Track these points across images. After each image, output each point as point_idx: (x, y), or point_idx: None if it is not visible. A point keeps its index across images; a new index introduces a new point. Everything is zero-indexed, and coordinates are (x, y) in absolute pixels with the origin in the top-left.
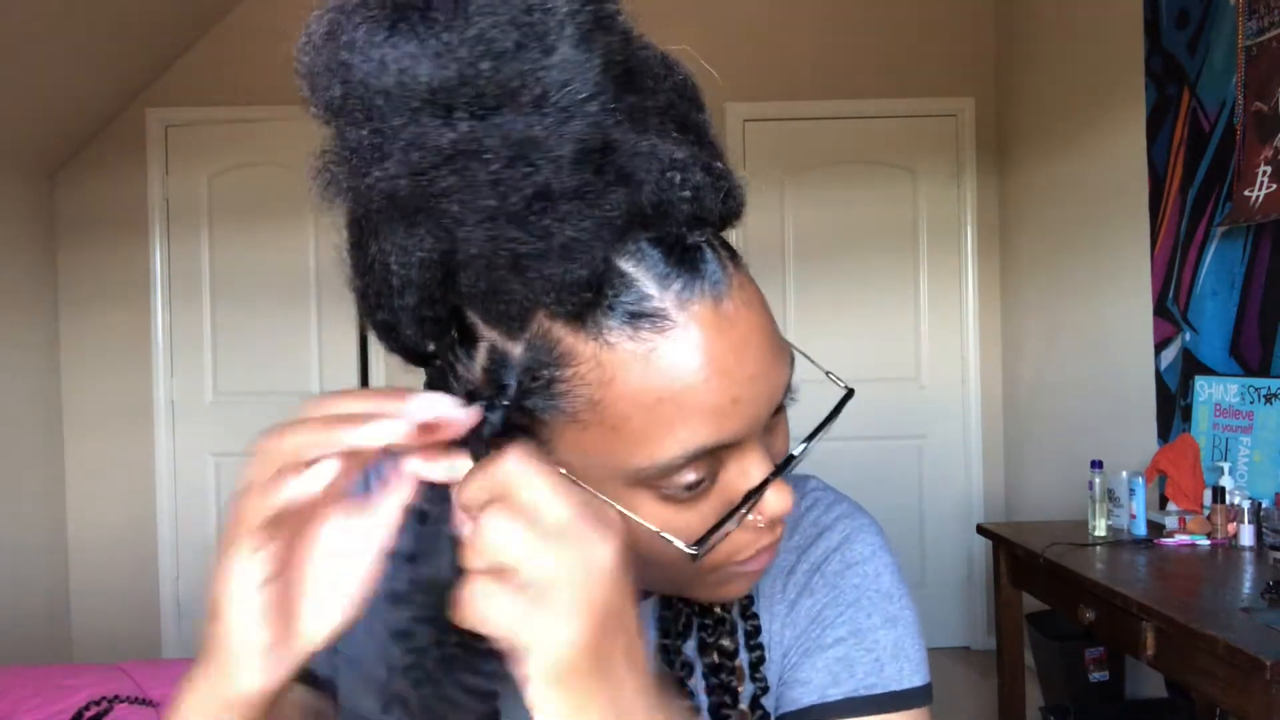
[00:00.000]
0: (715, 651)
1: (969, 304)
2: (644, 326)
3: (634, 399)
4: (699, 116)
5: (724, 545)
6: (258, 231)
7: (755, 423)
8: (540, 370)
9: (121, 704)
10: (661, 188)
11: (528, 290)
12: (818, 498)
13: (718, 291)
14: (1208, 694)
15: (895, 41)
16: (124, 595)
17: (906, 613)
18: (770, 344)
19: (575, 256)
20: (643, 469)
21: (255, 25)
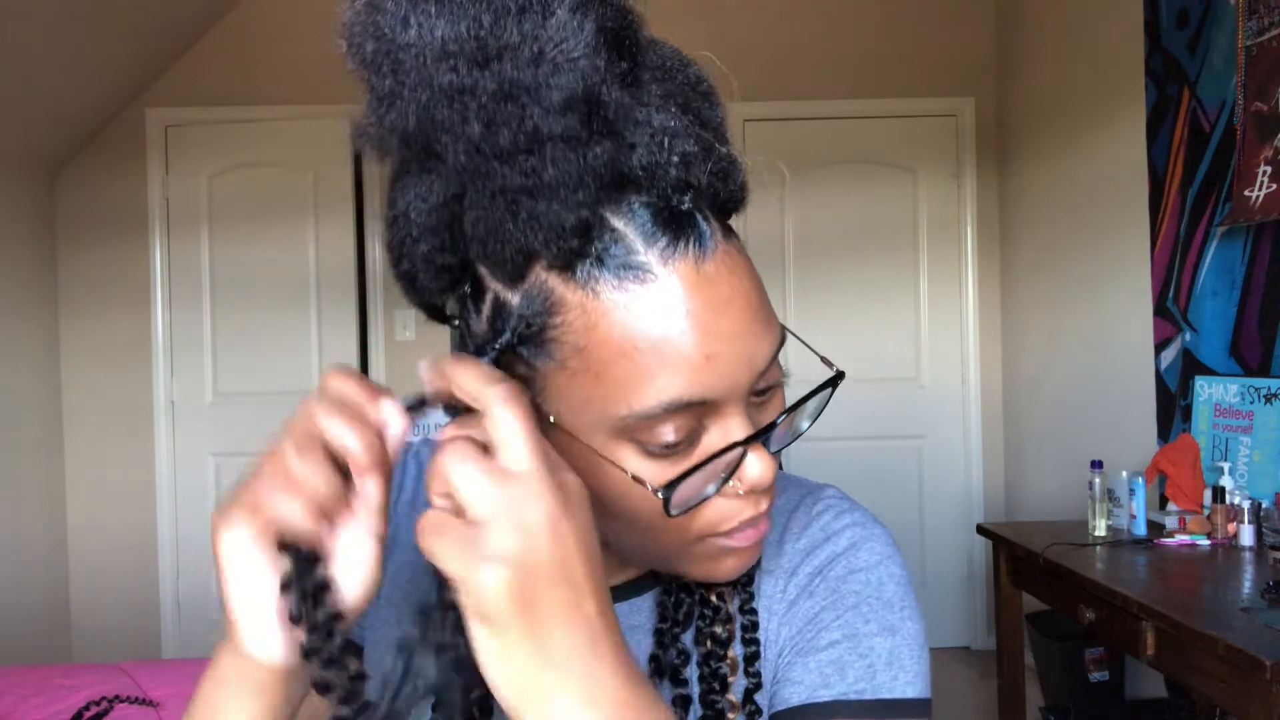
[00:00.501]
0: (709, 639)
1: (969, 304)
2: (627, 277)
3: (616, 346)
4: (709, 110)
5: (704, 512)
6: (258, 231)
7: (734, 385)
8: (534, 319)
9: (121, 704)
10: (651, 151)
11: (519, 232)
12: (830, 504)
13: (701, 253)
14: (1208, 694)
15: (895, 41)
16: (124, 595)
17: (909, 625)
18: (753, 310)
19: (563, 199)
20: (623, 417)
21: (255, 25)
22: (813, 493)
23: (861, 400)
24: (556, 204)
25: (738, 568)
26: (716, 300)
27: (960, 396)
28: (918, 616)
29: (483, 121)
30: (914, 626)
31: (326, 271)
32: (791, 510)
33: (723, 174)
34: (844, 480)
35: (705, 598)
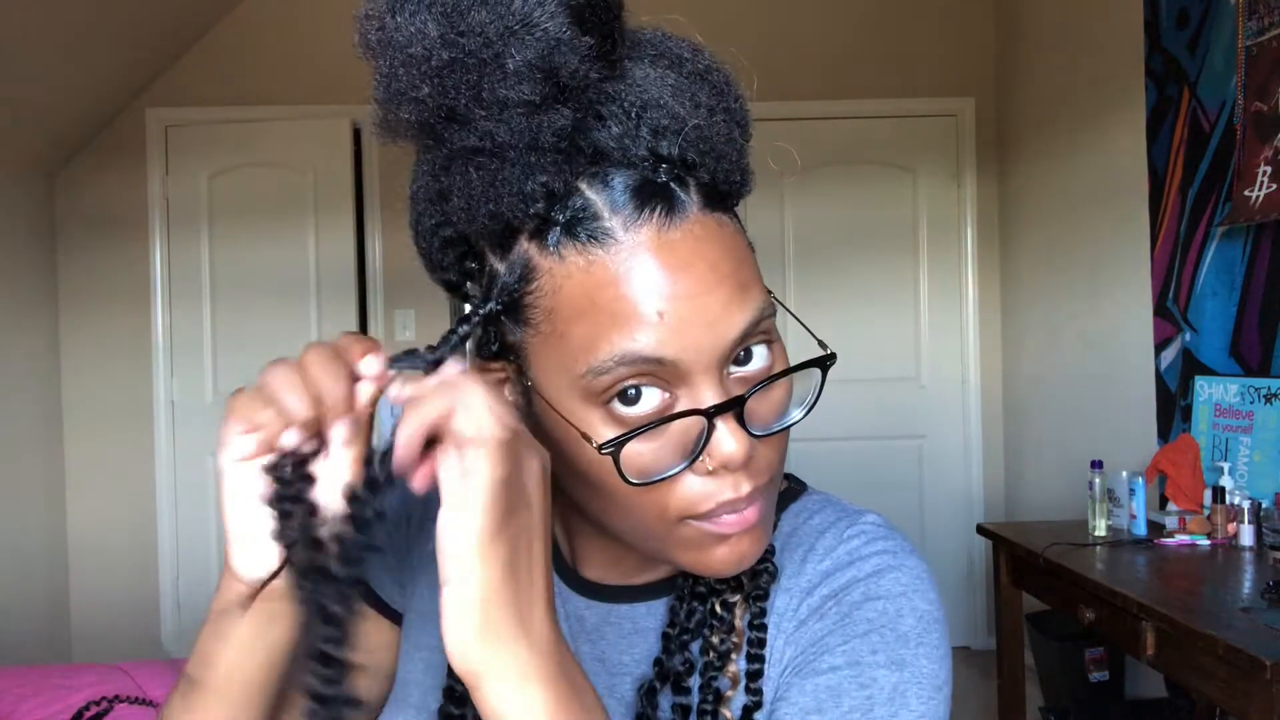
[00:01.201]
0: (711, 650)
1: (969, 304)
2: (590, 243)
3: (576, 305)
4: (715, 97)
5: (678, 490)
6: (258, 231)
7: (695, 349)
8: (514, 287)
9: (121, 704)
10: (621, 123)
11: (487, 197)
12: (864, 529)
13: (667, 222)
14: (1208, 694)
15: (895, 41)
16: (124, 595)
17: (923, 663)
18: (717, 275)
19: (522, 163)
20: (581, 375)
21: (255, 25)
22: (849, 517)
23: (861, 400)
24: (517, 168)
25: (730, 559)
26: (674, 262)
27: (960, 396)
28: (938, 658)
29: (441, 88)
30: (929, 667)
31: (326, 271)
32: (822, 531)
33: (714, 154)
34: (844, 480)
35: (715, 608)
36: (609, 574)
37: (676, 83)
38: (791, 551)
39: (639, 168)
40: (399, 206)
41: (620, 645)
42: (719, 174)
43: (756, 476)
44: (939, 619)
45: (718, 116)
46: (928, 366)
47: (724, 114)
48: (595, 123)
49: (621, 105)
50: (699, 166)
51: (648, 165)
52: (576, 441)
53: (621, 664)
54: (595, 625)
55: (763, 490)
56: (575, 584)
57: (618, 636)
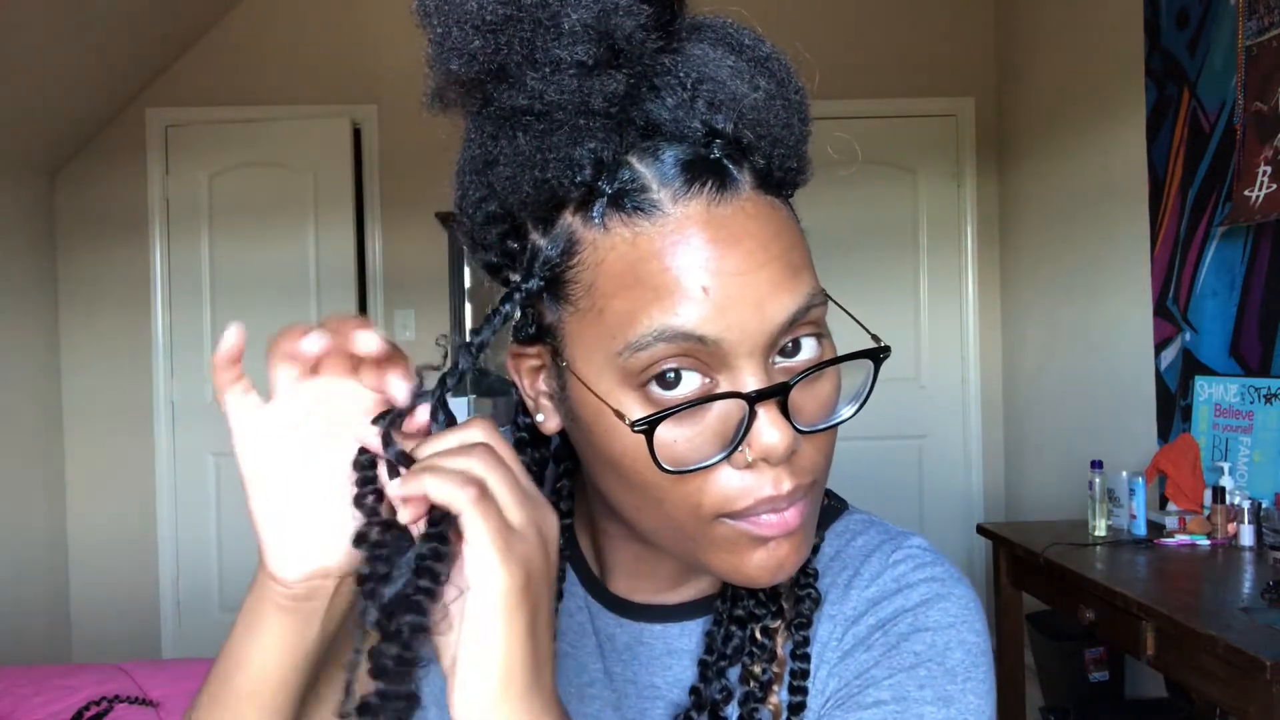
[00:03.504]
0: (751, 679)
1: (969, 304)
2: (638, 214)
3: (618, 278)
4: (771, 83)
5: (715, 483)
6: (258, 231)
7: (740, 330)
8: (556, 261)
9: (121, 704)
10: (676, 94)
11: (534, 163)
12: (911, 554)
13: (718, 196)
14: (1208, 694)
15: (895, 41)
16: (124, 595)
17: (970, 699)
18: (767, 255)
19: (570, 126)
20: (619, 352)
21: (255, 25)
22: (895, 539)
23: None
24: (566, 133)
25: (767, 566)
26: (723, 237)
27: (960, 396)
28: (984, 693)
29: (494, 45)
30: (976, 702)
31: (326, 271)
32: (868, 555)
33: (771, 138)
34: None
35: (755, 634)
36: (640, 588)
37: (735, 65)
38: (835, 575)
39: (692, 142)
40: (399, 206)
41: (652, 667)
42: (774, 159)
43: (799, 476)
44: (986, 651)
45: (776, 101)
46: (928, 366)
47: (783, 100)
48: (649, 93)
49: (677, 77)
50: (754, 150)
51: (701, 140)
52: (610, 427)
53: (654, 687)
54: (626, 645)
55: (806, 492)
56: (605, 600)
57: (650, 658)
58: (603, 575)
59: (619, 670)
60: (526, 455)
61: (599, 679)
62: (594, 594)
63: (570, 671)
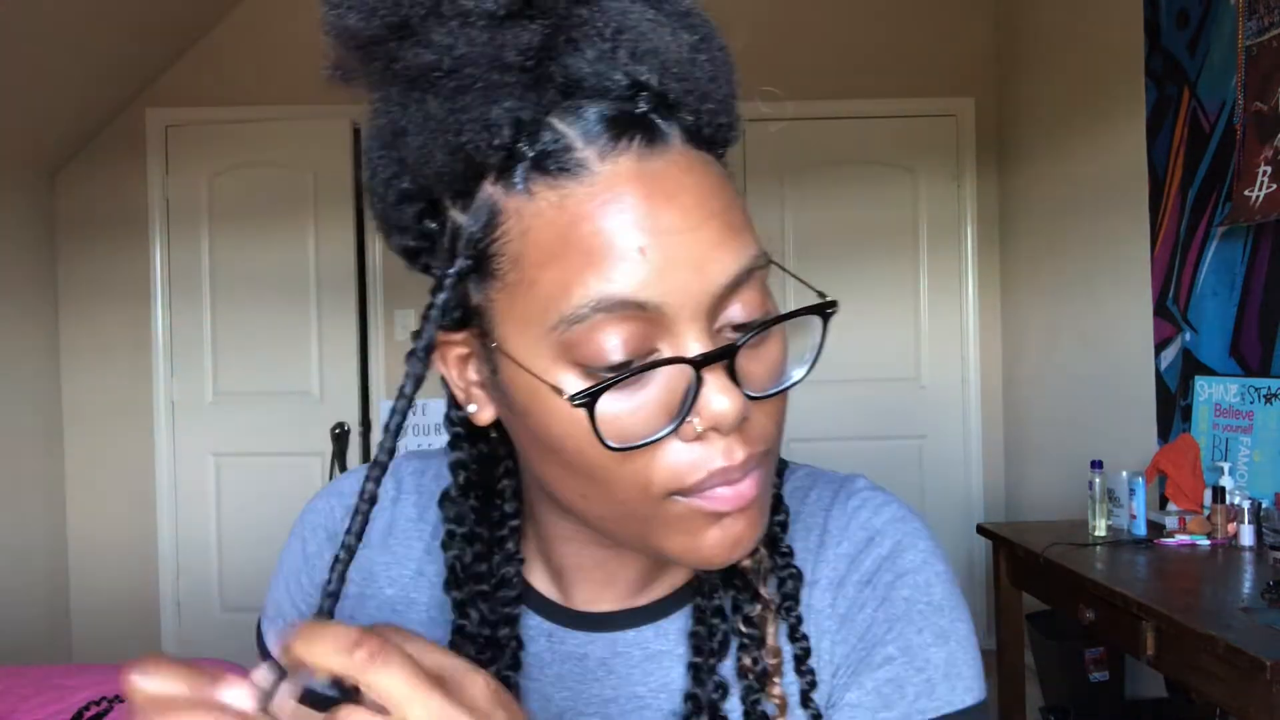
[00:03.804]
0: (748, 673)
1: (969, 304)
2: (563, 175)
3: (547, 247)
4: (692, 37)
5: (663, 458)
6: (258, 231)
7: (681, 293)
8: (480, 236)
9: (121, 704)
10: (596, 47)
11: (448, 128)
12: (866, 498)
13: (648, 150)
14: (1208, 694)
15: (895, 41)
16: (124, 595)
17: (959, 625)
18: (706, 211)
19: (484, 82)
20: (555, 326)
21: (255, 25)
22: (844, 485)
23: (861, 400)
24: (480, 92)
25: (724, 544)
26: (656, 193)
27: (960, 396)
28: (965, 613)
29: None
30: (964, 628)
31: (326, 271)
32: (827, 509)
33: (698, 93)
34: None
35: (739, 626)
36: (604, 597)
37: (655, 18)
38: (804, 539)
39: (616, 97)
40: None
41: (633, 677)
42: (703, 114)
43: (752, 444)
44: (952, 575)
45: (700, 55)
46: (928, 366)
47: (707, 55)
48: (566, 46)
49: (595, 28)
50: (681, 105)
51: (625, 94)
52: (548, 408)
53: (637, 697)
54: (602, 660)
55: (759, 461)
56: (569, 620)
57: (628, 668)
58: (562, 591)
59: (595, 691)
60: (464, 450)
61: (566, 710)
62: (555, 618)
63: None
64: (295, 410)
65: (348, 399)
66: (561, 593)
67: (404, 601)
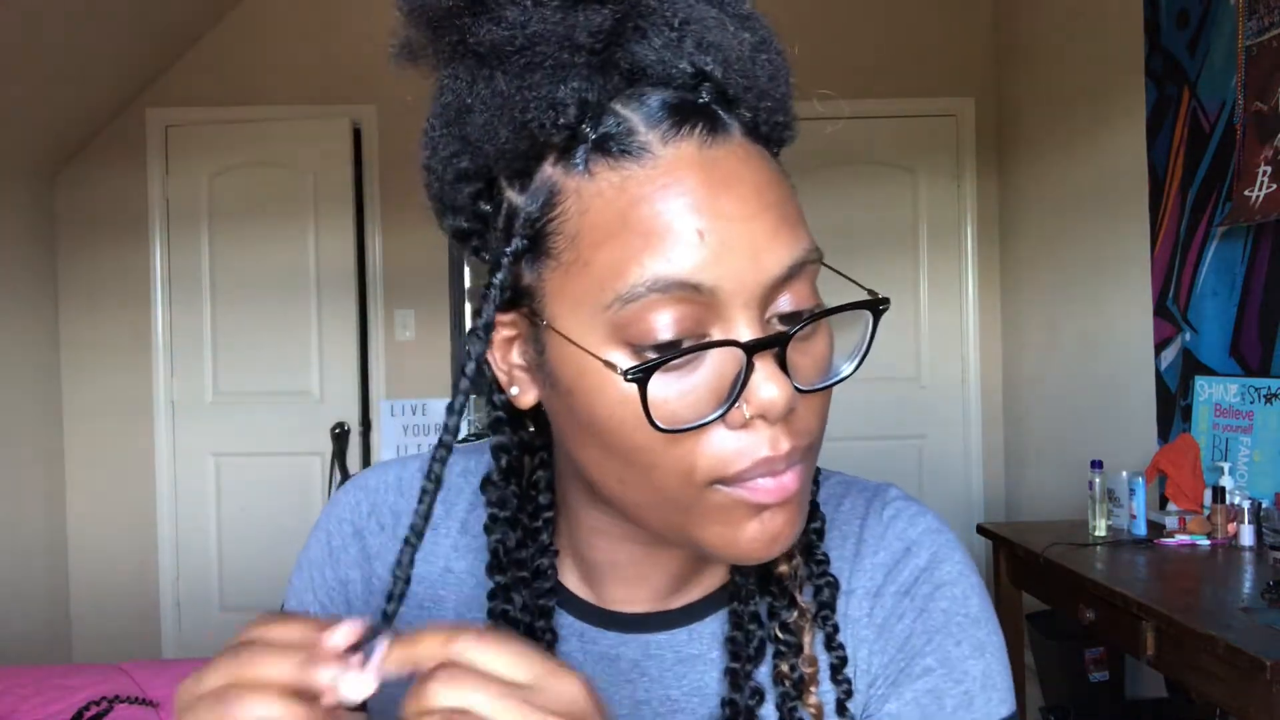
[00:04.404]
0: (785, 680)
1: (969, 304)
2: (624, 158)
3: (605, 227)
4: (754, 37)
5: (709, 444)
6: (258, 231)
7: (735, 278)
8: (537, 216)
9: (121, 704)
10: (663, 35)
11: (514, 106)
12: (900, 508)
13: (709, 138)
14: (1208, 694)
15: (895, 41)
16: (124, 595)
17: (994, 638)
18: (763, 201)
19: (551, 61)
20: (609, 305)
21: (255, 25)
22: (878, 495)
23: (861, 400)
24: (549, 71)
25: (762, 538)
26: (716, 178)
27: (960, 396)
28: (998, 625)
29: None
30: (998, 640)
31: (326, 271)
32: (862, 518)
33: (757, 91)
34: None
35: (775, 633)
36: (637, 597)
37: (719, 16)
38: (839, 548)
39: (679, 86)
40: (399, 206)
41: (666, 679)
42: (761, 111)
43: (797, 437)
44: (984, 586)
45: (760, 54)
46: (928, 366)
47: (766, 55)
48: (633, 33)
49: (663, 17)
50: (741, 101)
51: (689, 84)
52: (595, 386)
53: (670, 700)
54: (634, 662)
55: (803, 455)
56: (601, 620)
57: (661, 670)
58: (593, 590)
59: (627, 693)
60: (506, 435)
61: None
62: (586, 618)
63: None
64: (295, 410)
65: (348, 399)
66: (593, 591)
67: (432, 599)
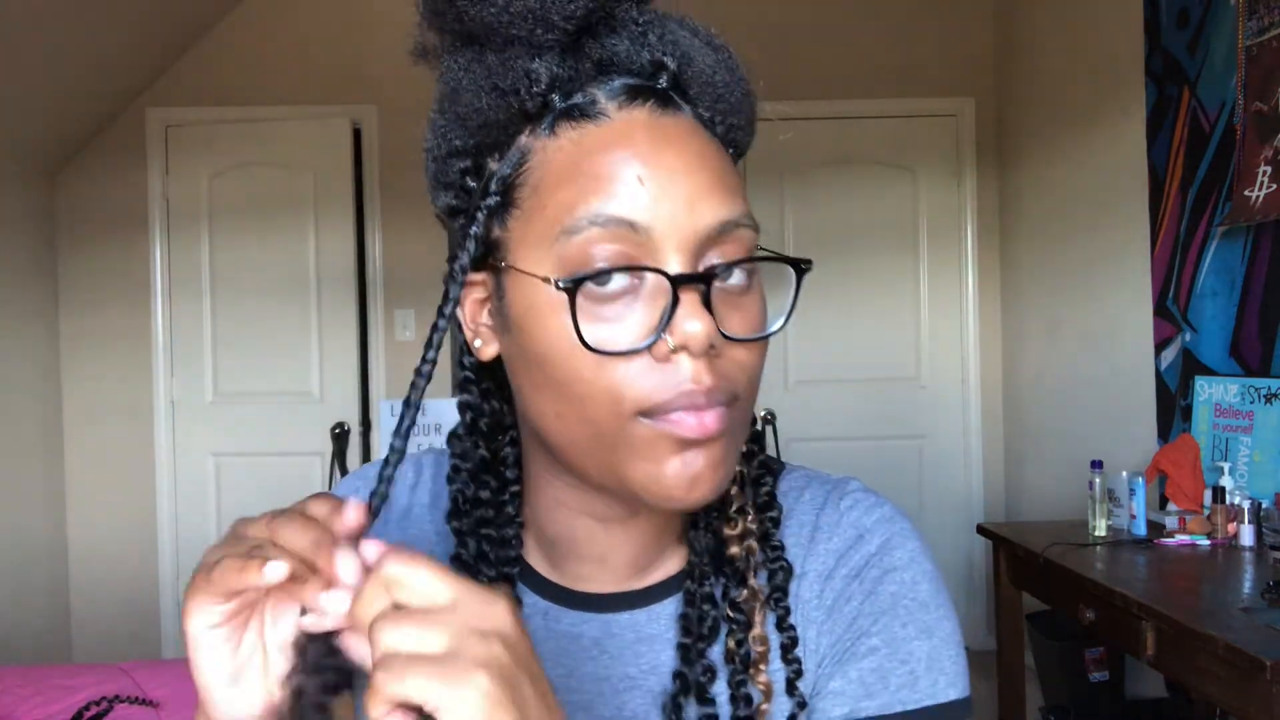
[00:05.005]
0: (735, 658)
1: (969, 304)
2: (583, 120)
3: (561, 174)
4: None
5: (634, 376)
6: (258, 231)
7: (669, 220)
8: (509, 176)
9: (121, 704)
10: (631, 33)
11: (499, 74)
12: (858, 499)
13: (660, 111)
14: (1208, 694)
15: (895, 41)
16: (124, 595)
17: (944, 624)
18: (701, 160)
19: (531, 36)
20: (556, 237)
21: (255, 25)
22: (837, 487)
23: (861, 400)
24: (526, 46)
25: (683, 479)
26: (660, 137)
27: (960, 396)
28: (951, 613)
29: None
30: (949, 625)
31: (326, 271)
32: (819, 508)
33: (714, 94)
34: None
35: (728, 612)
36: (598, 576)
37: (689, 38)
38: (795, 535)
39: (639, 73)
40: (399, 206)
41: (624, 657)
42: (717, 112)
43: (720, 379)
44: (939, 574)
45: (720, 67)
46: (928, 366)
47: (725, 67)
48: (604, 26)
49: (632, 16)
50: (698, 100)
51: (649, 72)
52: (539, 321)
53: (628, 677)
54: (594, 640)
55: (726, 399)
56: (564, 599)
57: (620, 648)
58: (555, 568)
59: (589, 669)
60: (472, 394)
61: (560, 685)
62: (550, 596)
63: None
64: (295, 410)
65: (348, 399)
66: (556, 571)
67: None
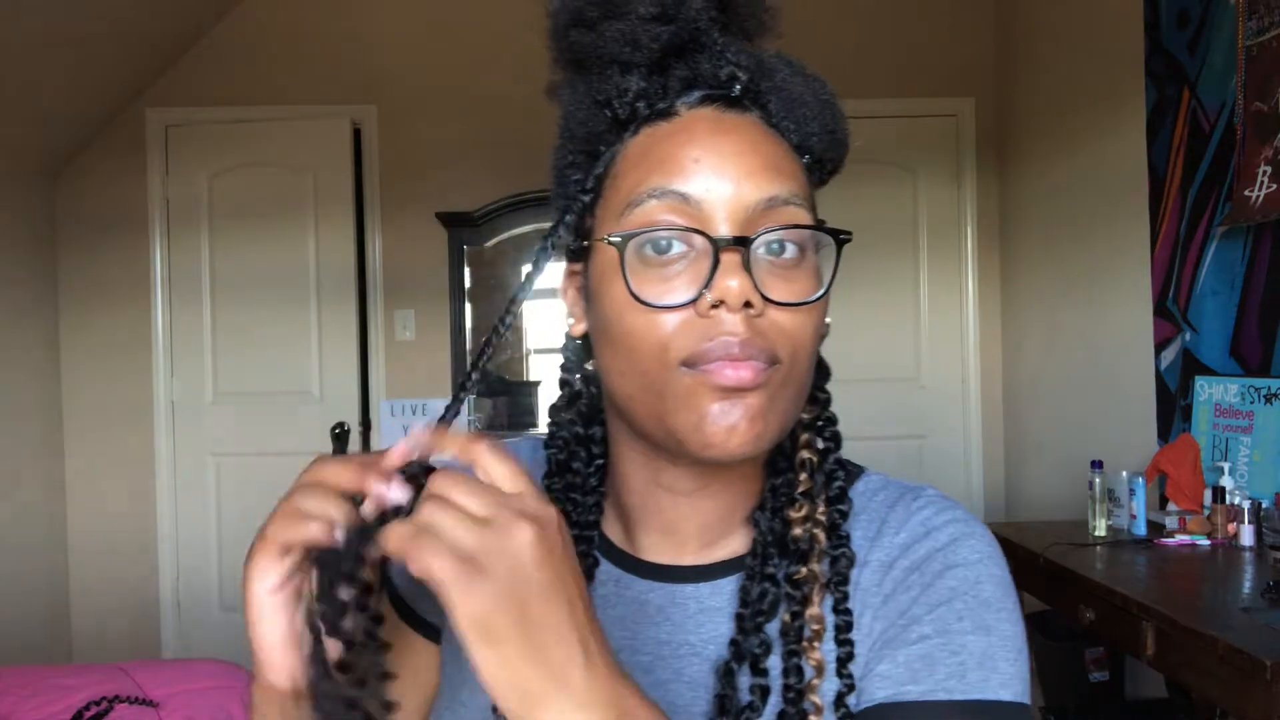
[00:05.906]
0: (790, 633)
1: (969, 304)
2: (659, 119)
3: (634, 161)
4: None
5: (680, 329)
6: (258, 231)
7: (718, 190)
8: (600, 171)
9: (121, 704)
10: (712, 57)
11: (598, 91)
12: (931, 500)
13: (726, 111)
14: (1208, 694)
15: (895, 41)
16: (124, 595)
17: (1005, 626)
18: (755, 147)
19: (625, 55)
20: (621, 214)
21: (255, 25)
22: (912, 491)
23: (861, 400)
24: (618, 64)
25: (720, 429)
26: (722, 128)
27: (960, 396)
28: (1016, 619)
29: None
30: (1010, 629)
31: (326, 271)
32: (890, 505)
33: (789, 100)
34: None
35: (788, 591)
36: (667, 547)
37: (771, 59)
38: (864, 529)
39: (714, 85)
40: (399, 206)
41: (686, 626)
42: (791, 118)
43: (758, 336)
44: (1011, 584)
45: (809, 94)
46: (928, 366)
47: (818, 99)
48: (692, 48)
49: (716, 43)
50: (769, 105)
51: (723, 83)
52: (607, 287)
53: (688, 644)
54: (660, 607)
55: (766, 358)
56: (635, 568)
57: (683, 617)
58: (630, 542)
59: (651, 634)
60: (571, 369)
61: (624, 647)
62: (623, 565)
63: None
64: (295, 410)
65: (348, 399)
66: (629, 541)
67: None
